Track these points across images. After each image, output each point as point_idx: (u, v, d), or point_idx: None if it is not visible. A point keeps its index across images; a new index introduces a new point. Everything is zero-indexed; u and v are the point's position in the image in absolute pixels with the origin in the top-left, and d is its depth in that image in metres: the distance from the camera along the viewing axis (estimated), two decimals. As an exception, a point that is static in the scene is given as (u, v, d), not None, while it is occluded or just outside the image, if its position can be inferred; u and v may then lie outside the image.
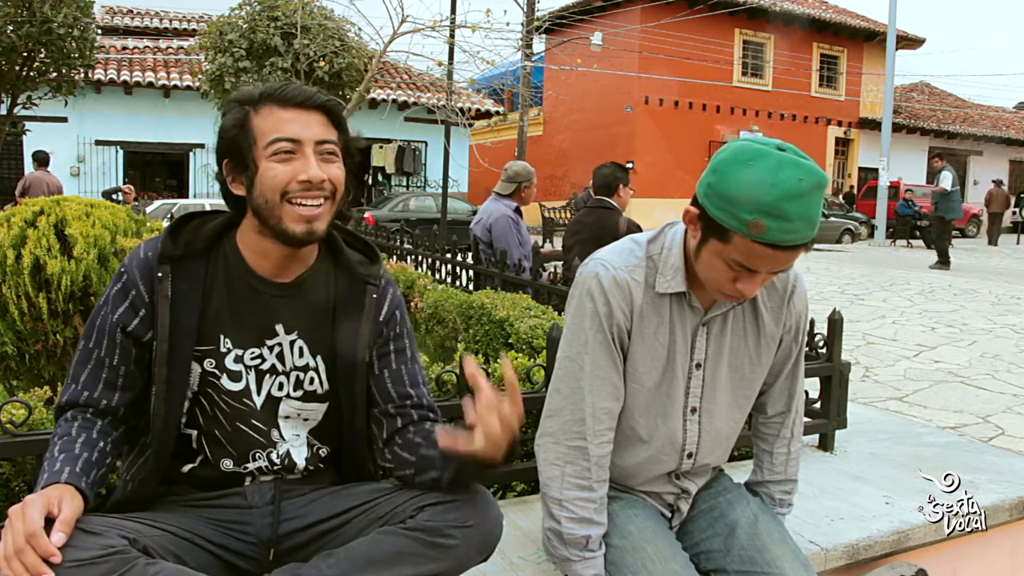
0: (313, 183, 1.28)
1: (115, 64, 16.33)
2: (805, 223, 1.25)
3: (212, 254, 1.36)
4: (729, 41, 22.76)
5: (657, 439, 1.55)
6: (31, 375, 2.70)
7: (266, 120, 1.29)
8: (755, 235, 1.25)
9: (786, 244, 1.26)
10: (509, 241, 4.53)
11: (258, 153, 1.28)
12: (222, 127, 1.33)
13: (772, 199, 1.23)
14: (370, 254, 1.48)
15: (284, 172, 1.27)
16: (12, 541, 1.05)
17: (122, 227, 2.86)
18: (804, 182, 1.24)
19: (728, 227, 1.28)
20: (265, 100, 1.30)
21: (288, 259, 1.36)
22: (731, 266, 1.33)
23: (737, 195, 1.26)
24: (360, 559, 1.24)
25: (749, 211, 1.24)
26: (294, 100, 1.30)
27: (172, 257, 1.32)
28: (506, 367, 1.23)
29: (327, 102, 1.33)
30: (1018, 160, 29.75)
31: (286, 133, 1.28)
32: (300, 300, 1.39)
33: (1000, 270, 12.87)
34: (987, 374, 4.98)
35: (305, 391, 1.40)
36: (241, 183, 1.32)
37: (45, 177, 9.60)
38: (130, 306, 1.31)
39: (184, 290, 1.31)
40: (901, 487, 2.24)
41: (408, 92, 18.20)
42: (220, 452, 1.36)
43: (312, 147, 1.29)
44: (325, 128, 1.32)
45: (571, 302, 1.52)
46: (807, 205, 1.25)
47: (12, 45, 9.47)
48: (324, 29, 10.10)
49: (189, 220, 1.38)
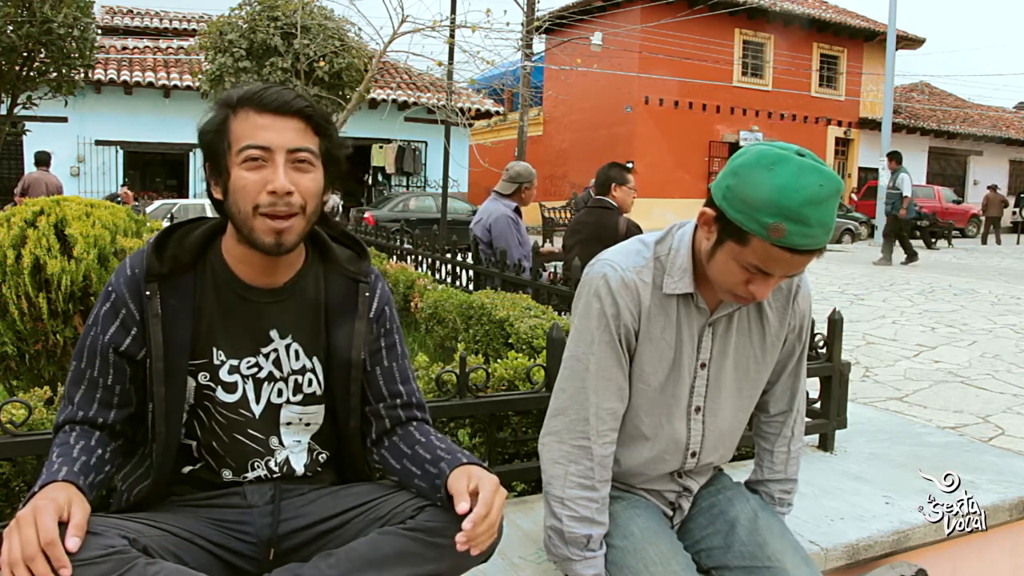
0: (278, 193, 1.24)
1: (115, 64, 16.33)
2: (823, 228, 1.27)
3: (199, 266, 1.34)
4: (729, 41, 22.75)
5: (661, 438, 1.55)
6: (31, 375, 2.70)
7: (242, 125, 1.26)
8: (775, 239, 1.26)
9: (804, 248, 1.28)
10: (509, 241, 4.53)
11: (231, 159, 1.26)
12: (202, 128, 1.30)
13: (794, 204, 1.24)
14: (358, 249, 1.47)
15: (253, 182, 1.24)
16: (22, 547, 1.03)
17: (122, 227, 2.86)
18: (824, 188, 1.26)
19: (747, 230, 1.29)
20: (244, 103, 1.26)
21: (272, 265, 1.34)
22: (746, 269, 1.34)
23: (758, 199, 1.27)
24: (360, 559, 1.24)
25: (770, 215, 1.26)
26: (270, 105, 1.26)
27: (159, 274, 1.30)
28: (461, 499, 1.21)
29: (305, 107, 1.28)
30: (1018, 160, 29.75)
31: (257, 140, 1.24)
32: (292, 303, 1.38)
33: (1000, 270, 12.86)
34: (987, 374, 4.98)
35: (304, 394, 1.40)
36: (218, 186, 1.30)
37: (44, 177, 9.60)
38: (121, 326, 1.29)
39: (175, 306, 1.30)
40: (901, 487, 2.24)
41: (408, 92, 18.21)
42: (219, 463, 1.37)
43: (283, 155, 1.25)
44: (301, 135, 1.27)
45: (578, 302, 1.52)
46: (826, 211, 1.26)
47: (12, 45, 9.47)
48: (324, 29, 10.09)
49: (172, 232, 1.35)
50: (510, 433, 2.08)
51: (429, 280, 4.29)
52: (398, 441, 1.43)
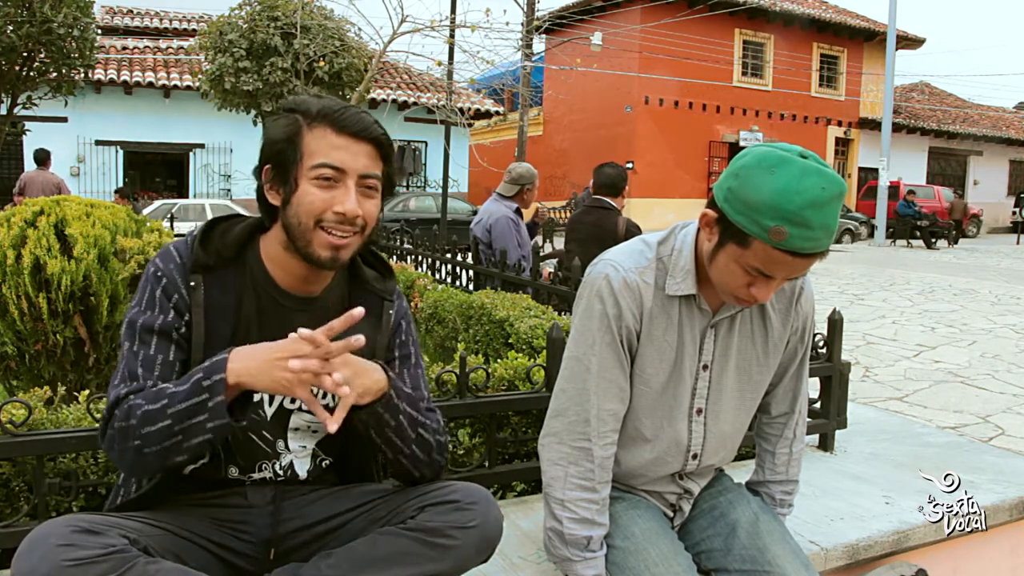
0: (347, 217, 1.26)
1: (115, 64, 16.32)
2: (824, 231, 1.26)
3: (239, 263, 1.35)
4: (729, 41, 22.75)
5: (662, 440, 1.55)
6: (31, 375, 2.70)
7: (318, 141, 1.27)
8: (776, 242, 1.25)
9: (806, 252, 1.27)
10: (509, 242, 4.53)
11: (301, 171, 1.27)
12: (272, 132, 1.30)
13: (795, 207, 1.23)
14: (383, 269, 1.49)
15: (321, 199, 1.26)
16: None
17: (122, 227, 2.86)
18: (827, 191, 1.24)
19: (749, 232, 1.28)
20: (321, 119, 1.27)
21: (313, 275, 1.36)
22: (748, 271, 1.33)
23: (760, 201, 1.26)
24: (360, 559, 1.24)
25: (772, 218, 1.24)
26: (350, 128, 1.27)
27: (206, 266, 1.31)
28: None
29: (381, 136, 1.31)
30: (1018, 160, 29.76)
31: (333, 160, 1.26)
32: (318, 314, 1.37)
33: (1000, 270, 12.86)
34: (987, 374, 4.98)
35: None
36: (278, 193, 1.30)
37: (42, 176, 9.57)
38: (174, 309, 1.29)
39: (218, 299, 1.31)
40: (901, 487, 2.24)
41: (408, 92, 18.21)
42: (228, 459, 1.37)
43: (355, 179, 1.27)
44: (372, 161, 1.30)
45: (579, 302, 1.52)
46: (828, 214, 1.25)
47: (12, 45, 9.45)
48: (324, 29, 10.09)
49: (214, 226, 1.37)
50: (510, 433, 2.08)
51: (429, 280, 4.29)
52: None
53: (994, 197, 28.57)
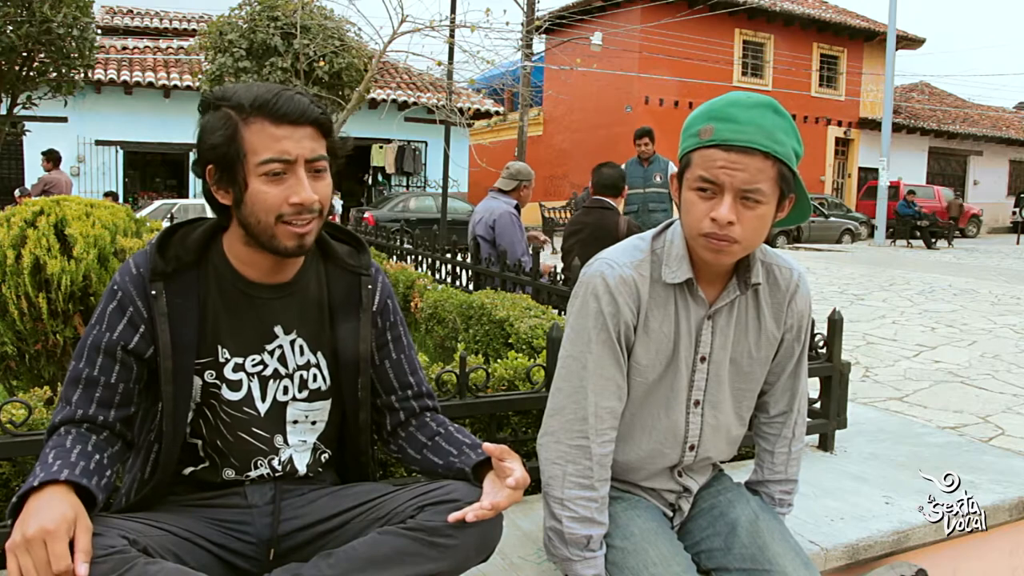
0: (305, 206, 1.26)
1: (115, 64, 16.32)
2: (756, 128, 1.32)
3: (201, 265, 1.34)
4: (729, 41, 22.75)
5: (659, 431, 1.55)
6: (31, 375, 2.70)
7: (258, 135, 1.24)
8: (706, 139, 1.34)
9: (738, 144, 1.31)
10: (513, 237, 4.53)
11: (248, 170, 1.25)
12: (207, 132, 1.27)
13: (720, 106, 1.36)
14: (355, 244, 1.48)
15: (275, 195, 1.25)
16: (36, 571, 1.02)
17: (122, 227, 2.86)
18: (752, 97, 1.36)
19: (688, 150, 1.38)
20: (256, 112, 1.24)
21: (280, 264, 1.36)
22: (700, 193, 1.37)
23: (693, 117, 1.40)
24: (360, 559, 1.24)
25: (702, 122, 1.36)
26: (288, 116, 1.25)
27: (164, 273, 1.30)
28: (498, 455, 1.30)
29: (320, 115, 1.29)
30: (1018, 160, 29.76)
31: (278, 154, 1.24)
32: (296, 299, 1.39)
33: (1000, 270, 12.86)
34: (987, 374, 4.98)
35: (310, 390, 1.40)
36: (227, 192, 1.29)
37: (64, 178, 9.59)
38: (129, 323, 1.29)
39: (180, 304, 1.30)
40: (901, 487, 2.24)
41: (408, 92, 18.21)
42: (223, 461, 1.37)
43: (304, 166, 1.27)
44: (316, 143, 1.28)
45: (574, 301, 1.52)
46: (757, 114, 1.33)
47: (12, 45, 9.45)
48: (324, 29, 10.08)
49: (173, 233, 1.35)
50: (510, 433, 2.08)
51: (429, 280, 4.29)
52: (415, 432, 1.47)
53: (994, 197, 28.58)
